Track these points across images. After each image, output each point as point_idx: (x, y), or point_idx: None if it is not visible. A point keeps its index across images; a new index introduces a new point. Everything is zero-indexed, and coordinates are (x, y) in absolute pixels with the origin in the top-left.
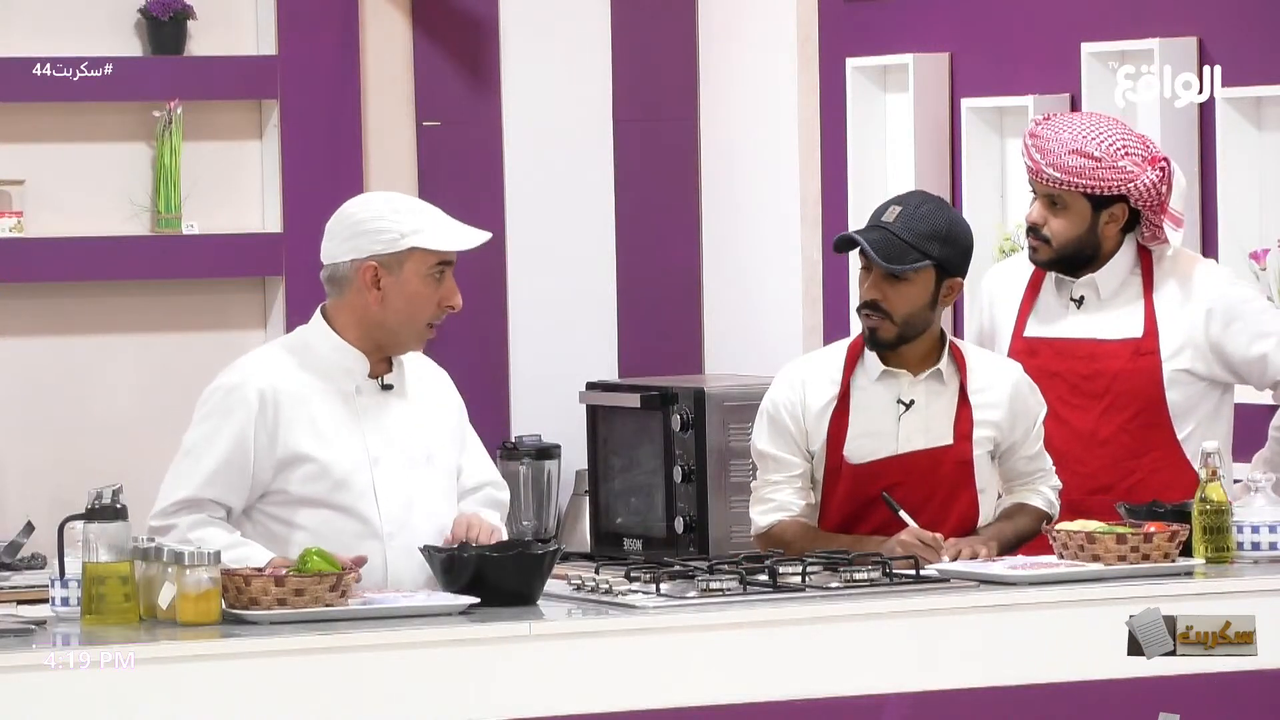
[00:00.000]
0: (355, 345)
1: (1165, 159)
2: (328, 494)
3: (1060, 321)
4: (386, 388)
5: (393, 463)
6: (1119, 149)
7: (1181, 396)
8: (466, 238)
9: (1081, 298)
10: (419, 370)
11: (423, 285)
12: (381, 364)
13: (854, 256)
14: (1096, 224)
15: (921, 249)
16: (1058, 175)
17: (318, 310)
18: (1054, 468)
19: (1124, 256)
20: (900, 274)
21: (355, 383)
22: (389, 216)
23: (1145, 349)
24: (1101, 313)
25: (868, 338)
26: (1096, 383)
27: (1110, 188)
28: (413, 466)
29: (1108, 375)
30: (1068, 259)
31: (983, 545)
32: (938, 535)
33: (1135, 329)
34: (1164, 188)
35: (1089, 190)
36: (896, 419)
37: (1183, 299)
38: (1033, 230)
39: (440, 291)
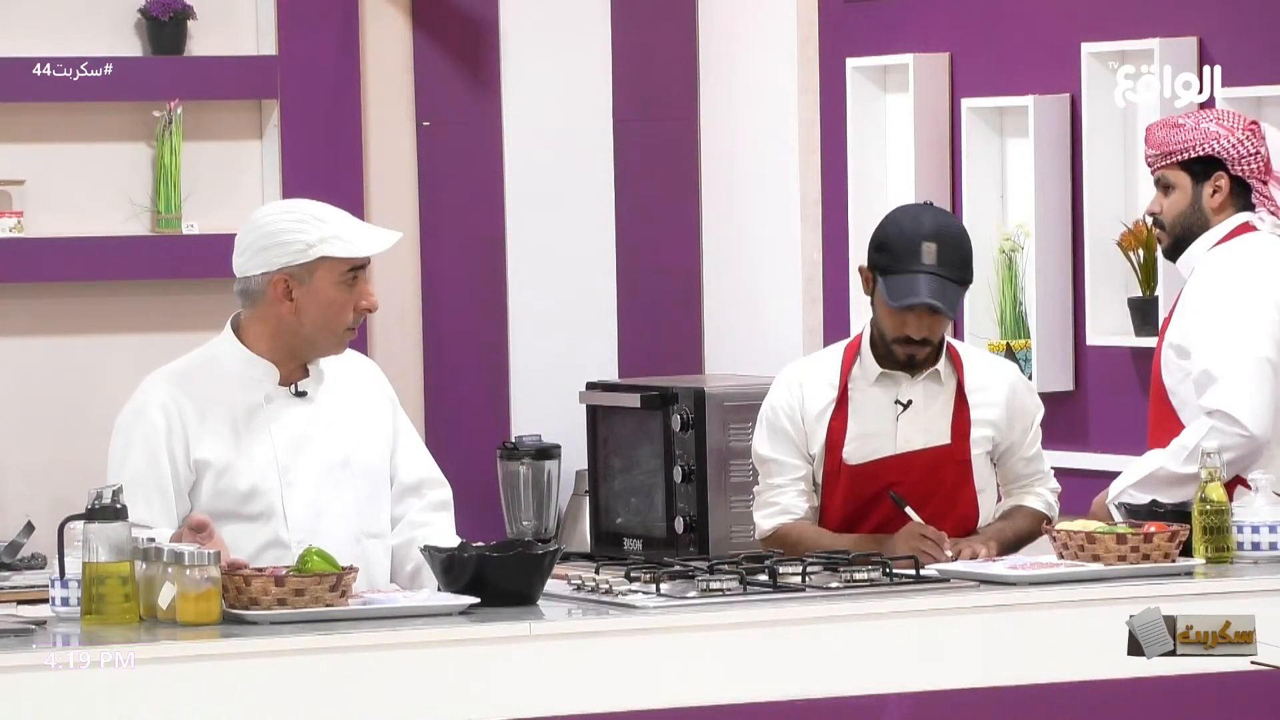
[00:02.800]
0: (267, 355)
1: (1255, 122)
2: (236, 506)
3: None
4: (300, 394)
5: (303, 470)
6: (1210, 116)
7: (1173, 380)
8: (373, 243)
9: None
10: (343, 369)
11: (336, 292)
12: (297, 370)
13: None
14: (1200, 198)
15: (963, 281)
16: (1154, 152)
17: (229, 321)
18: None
19: (1208, 236)
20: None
21: (264, 392)
22: (295, 227)
23: (1163, 330)
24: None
25: (905, 363)
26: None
27: (1195, 148)
28: (326, 472)
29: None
30: (1179, 240)
31: (983, 545)
32: (941, 534)
33: (1172, 311)
34: (1255, 145)
35: (1180, 157)
36: (894, 419)
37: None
38: (1153, 220)
39: (354, 295)
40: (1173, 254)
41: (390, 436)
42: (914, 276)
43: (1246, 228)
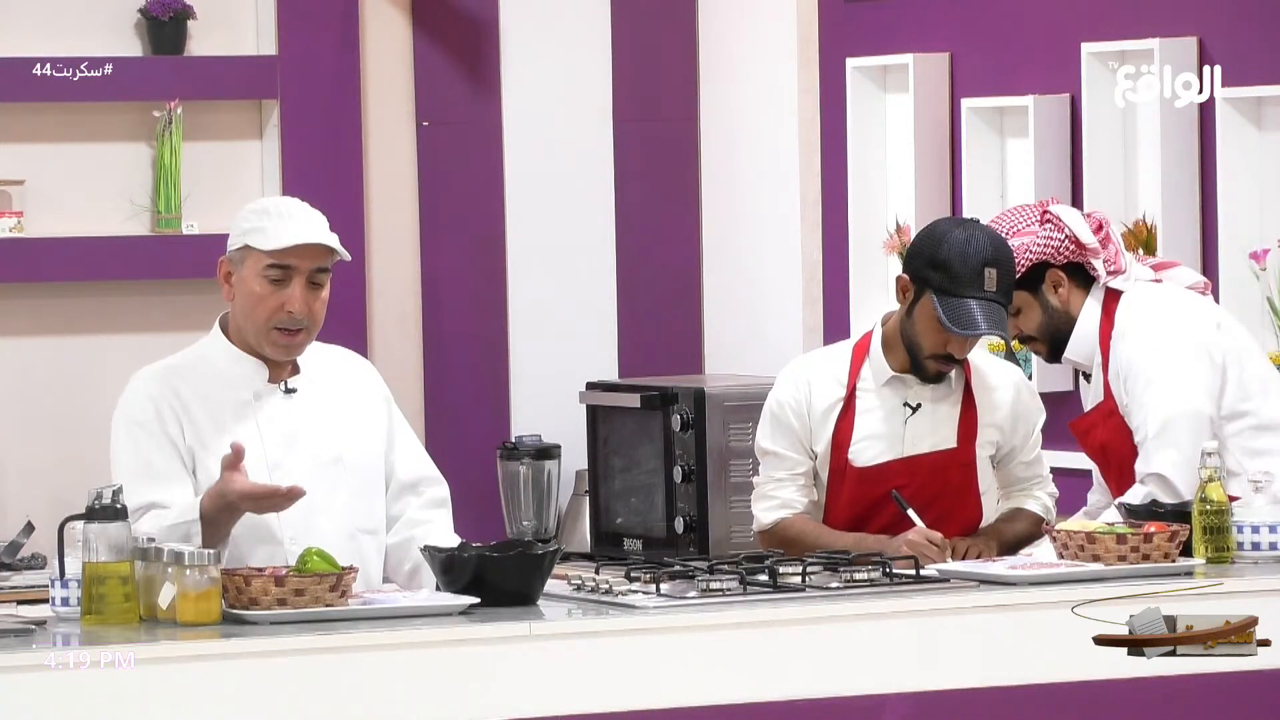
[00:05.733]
0: (249, 351)
1: (1045, 210)
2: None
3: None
4: (290, 391)
5: (294, 467)
6: (1002, 230)
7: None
8: (289, 237)
9: (1081, 375)
10: (335, 366)
11: (258, 285)
12: (286, 367)
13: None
14: (1046, 302)
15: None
16: None
17: (217, 320)
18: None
19: (1084, 322)
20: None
21: (253, 389)
22: (245, 216)
23: (1108, 409)
24: (1093, 386)
25: (932, 378)
26: (1099, 457)
27: (1016, 270)
28: (317, 469)
29: (1098, 448)
30: (1056, 345)
31: (983, 545)
32: (945, 540)
33: (1099, 393)
34: (1060, 236)
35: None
36: (903, 422)
37: (1116, 356)
38: (1021, 339)
39: (281, 296)
40: (1055, 356)
41: (385, 434)
42: (975, 303)
43: (1115, 297)
